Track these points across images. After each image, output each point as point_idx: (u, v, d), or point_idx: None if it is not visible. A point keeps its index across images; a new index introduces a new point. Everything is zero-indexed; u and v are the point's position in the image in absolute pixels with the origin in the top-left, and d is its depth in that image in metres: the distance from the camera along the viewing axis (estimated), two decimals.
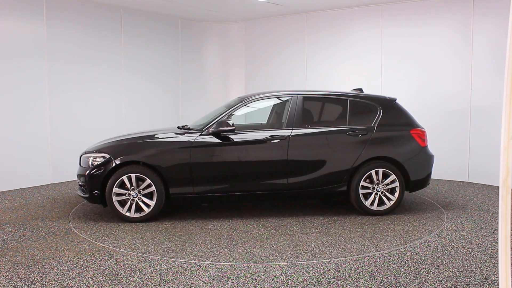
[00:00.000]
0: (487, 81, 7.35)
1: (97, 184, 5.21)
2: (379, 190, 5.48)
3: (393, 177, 5.47)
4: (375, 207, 5.48)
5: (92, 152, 5.41)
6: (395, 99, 5.85)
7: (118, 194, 5.22)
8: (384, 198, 5.49)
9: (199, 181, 5.29)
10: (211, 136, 5.36)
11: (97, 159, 5.29)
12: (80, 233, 4.88)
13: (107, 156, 5.25)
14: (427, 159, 5.71)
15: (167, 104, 9.62)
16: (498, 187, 7.10)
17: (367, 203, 5.46)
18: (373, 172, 5.45)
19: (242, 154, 5.39)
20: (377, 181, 5.47)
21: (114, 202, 5.21)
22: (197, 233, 4.90)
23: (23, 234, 4.84)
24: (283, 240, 4.61)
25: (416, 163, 5.61)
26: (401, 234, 4.79)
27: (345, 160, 5.45)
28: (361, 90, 6.06)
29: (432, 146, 6.36)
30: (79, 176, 5.43)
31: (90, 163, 5.32)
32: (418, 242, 4.53)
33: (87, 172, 5.27)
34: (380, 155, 5.51)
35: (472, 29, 7.46)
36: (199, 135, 5.36)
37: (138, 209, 5.27)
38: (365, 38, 8.51)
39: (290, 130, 5.44)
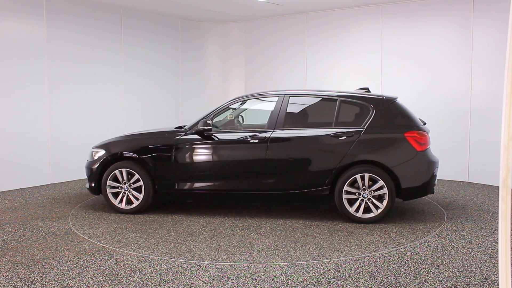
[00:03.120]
0: (487, 82, 7.35)
1: (95, 177, 5.66)
2: (365, 196, 5.07)
3: (380, 183, 5.01)
4: (360, 214, 5.08)
5: (96, 147, 5.86)
6: (394, 99, 5.38)
7: (111, 187, 5.63)
8: (371, 205, 5.07)
9: (181, 178, 5.48)
10: (195, 135, 5.52)
11: (97, 154, 5.74)
12: (80, 233, 4.89)
13: (103, 151, 5.68)
14: (424, 165, 5.14)
15: (167, 104, 9.61)
16: (498, 187, 7.10)
17: (352, 210, 5.09)
18: (358, 176, 5.06)
19: (221, 153, 5.49)
20: (363, 187, 5.07)
21: (108, 194, 5.62)
22: (167, 228, 5.07)
23: (23, 234, 4.84)
24: (234, 241, 4.59)
25: (410, 169, 5.08)
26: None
27: (327, 163, 5.15)
28: (367, 89, 5.86)
29: (432, 146, 6.33)
30: (85, 168, 5.88)
31: (93, 157, 5.78)
32: (418, 242, 4.53)
33: (90, 165, 5.75)
34: (365, 159, 5.09)
35: (472, 29, 7.46)
36: (184, 134, 5.55)
37: (130, 201, 5.62)
38: (365, 38, 8.51)
39: (271, 131, 5.36)
